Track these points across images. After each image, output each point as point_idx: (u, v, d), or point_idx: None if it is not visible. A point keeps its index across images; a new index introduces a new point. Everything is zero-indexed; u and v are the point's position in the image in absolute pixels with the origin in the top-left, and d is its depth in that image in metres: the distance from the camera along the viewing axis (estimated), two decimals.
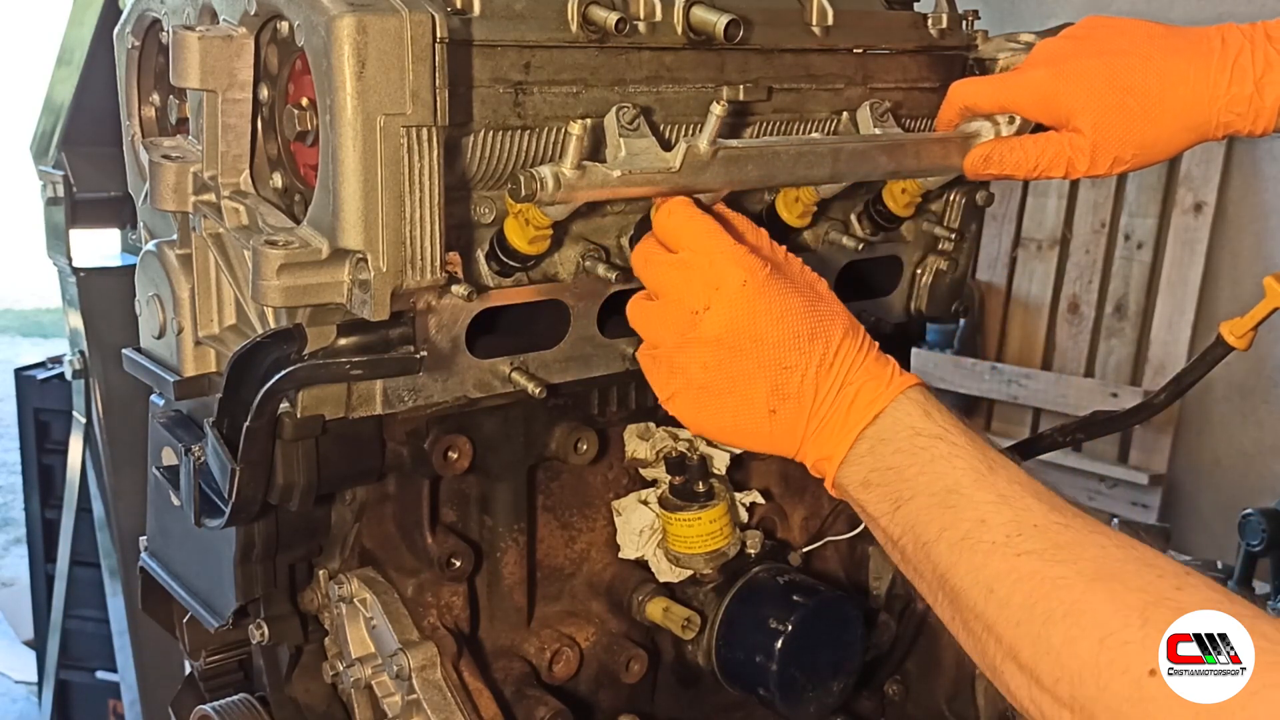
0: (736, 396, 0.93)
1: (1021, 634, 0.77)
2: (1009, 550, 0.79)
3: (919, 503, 0.86)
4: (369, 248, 0.89)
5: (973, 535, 0.82)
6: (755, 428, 0.94)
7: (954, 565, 0.82)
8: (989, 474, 0.85)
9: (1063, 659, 0.74)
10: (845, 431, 0.91)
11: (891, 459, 0.89)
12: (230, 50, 0.96)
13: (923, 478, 0.86)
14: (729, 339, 0.92)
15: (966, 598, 0.81)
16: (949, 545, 0.83)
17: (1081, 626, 0.74)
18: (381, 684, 1.12)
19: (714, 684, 1.26)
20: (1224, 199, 4.20)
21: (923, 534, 0.85)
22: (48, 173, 2.67)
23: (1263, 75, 1.08)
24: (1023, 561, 0.78)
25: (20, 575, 4.89)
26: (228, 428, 0.97)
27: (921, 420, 0.89)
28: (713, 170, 1.00)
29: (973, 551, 0.81)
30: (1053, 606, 0.75)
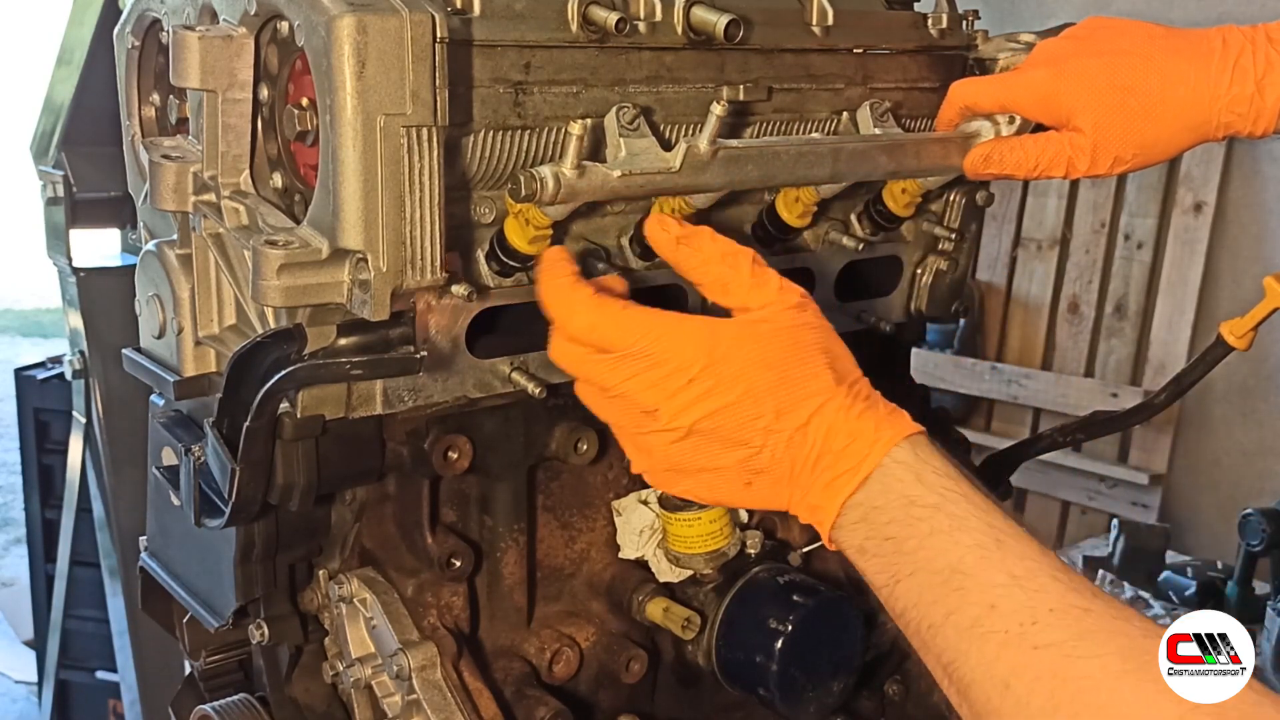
0: (709, 474, 0.88)
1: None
2: (1025, 642, 0.73)
3: (920, 580, 0.80)
4: (369, 248, 0.89)
5: (983, 623, 0.76)
6: (734, 497, 0.89)
7: (964, 655, 0.76)
8: (996, 550, 0.78)
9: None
10: (829, 500, 0.84)
11: (887, 529, 0.82)
12: (230, 50, 0.96)
13: (922, 553, 0.80)
14: (691, 427, 0.87)
15: (978, 691, 0.75)
16: (957, 631, 0.77)
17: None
18: (381, 684, 1.12)
19: (714, 684, 1.26)
20: (1224, 199, 4.20)
21: (927, 615, 0.79)
22: (48, 173, 2.67)
23: (1264, 76, 1.08)
24: (1041, 656, 0.72)
25: (20, 575, 4.89)
26: (228, 428, 0.97)
27: (915, 487, 0.82)
28: (713, 170, 1.00)
29: (984, 642, 0.75)
30: (1078, 710, 0.70)
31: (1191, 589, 2.76)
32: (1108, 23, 1.16)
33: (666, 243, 0.94)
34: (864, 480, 0.83)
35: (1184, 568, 2.92)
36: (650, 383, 0.87)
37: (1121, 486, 4.31)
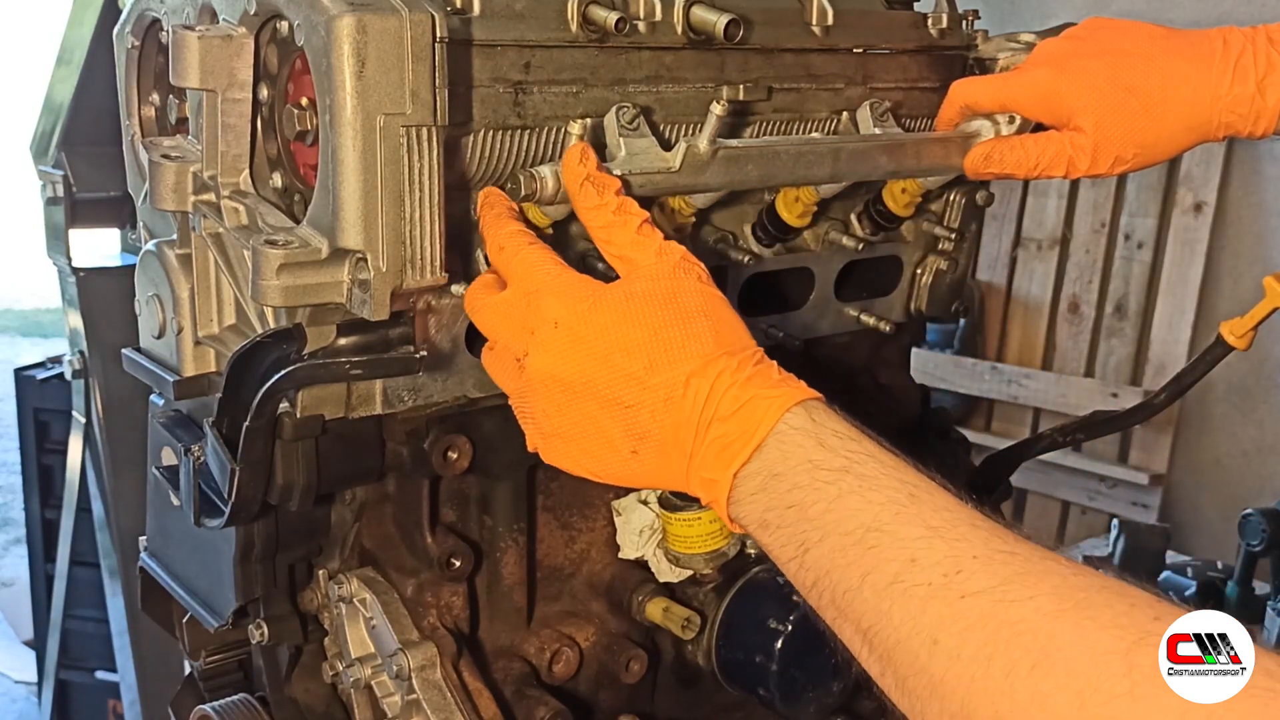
0: (591, 440, 0.86)
1: (977, 691, 0.66)
2: (951, 593, 0.68)
3: (831, 544, 0.75)
4: (369, 247, 0.89)
5: (904, 578, 0.71)
6: (625, 470, 0.85)
7: (885, 615, 0.71)
8: (911, 504, 0.74)
9: (1031, 717, 0.63)
10: (722, 471, 0.80)
11: (790, 496, 0.77)
12: (230, 50, 0.96)
13: (831, 516, 0.75)
14: (557, 382, 0.85)
15: (903, 651, 0.70)
16: (875, 592, 0.72)
17: (1054, 679, 0.63)
18: (381, 684, 1.12)
19: (714, 684, 1.26)
20: (1224, 199, 4.20)
21: (842, 580, 0.74)
22: (48, 173, 2.67)
23: (1264, 76, 1.08)
24: (970, 604, 0.67)
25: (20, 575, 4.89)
26: (227, 428, 0.97)
27: (818, 451, 0.78)
28: (713, 170, 1.00)
29: (907, 598, 0.70)
30: (1015, 657, 0.65)
31: (1191, 589, 2.76)
32: (1108, 23, 1.16)
33: (576, 177, 0.93)
34: (758, 447, 0.79)
35: (1184, 568, 2.92)
36: (524, 323, 0.87)
37: (1121, 486, 4.31)
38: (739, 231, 1.18)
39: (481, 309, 0.92)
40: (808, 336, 1.23)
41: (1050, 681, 0.63)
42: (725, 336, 0.84)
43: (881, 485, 0.75)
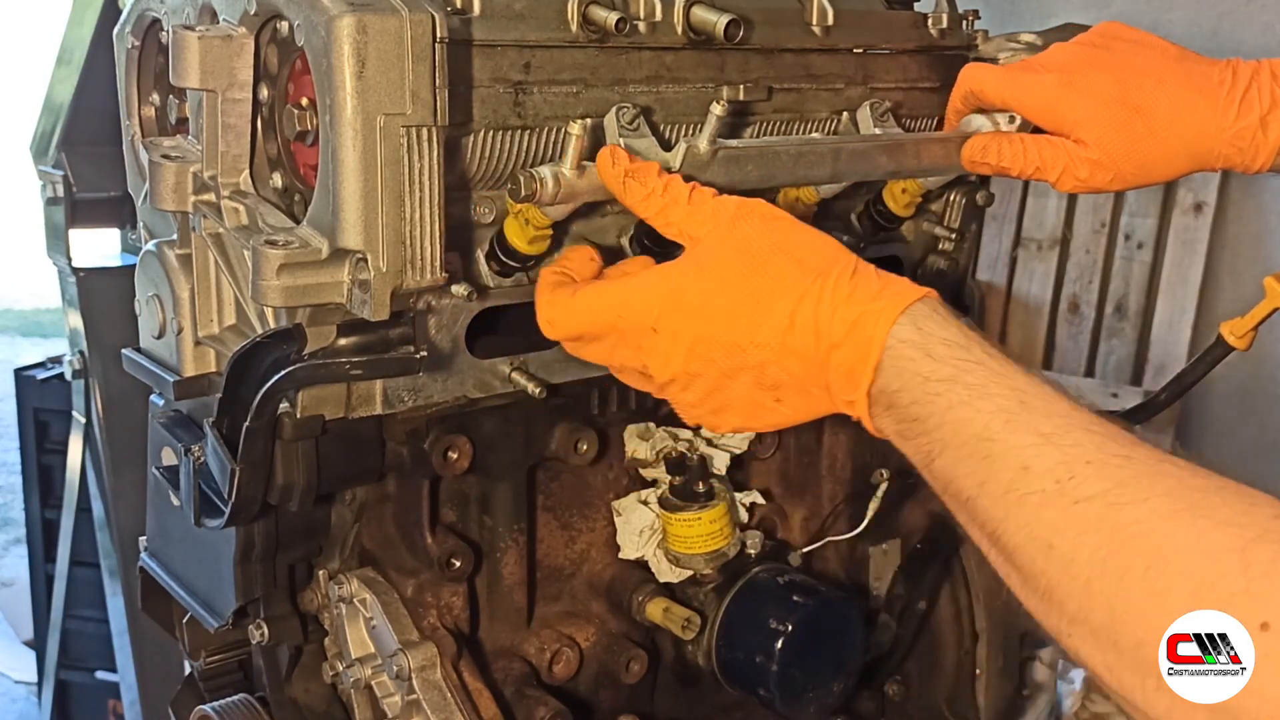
0: (737, 404, 0.89)
1: (1093, 594, 0.66)
2: (1064, 498, 0.69)
3: (950, 456, 0.77)
4: (369, 248, 0.89)
5: (1017, 486, 0.72)
6: (778, 417, 0.89)
7: (1003, 521, 0.72)
8: (1022, 412, 0.74)
9: (1147, 618, 0.64)
10: (856, 394, 0.82)
11: (910, 411, 0.79)
12: (230, 50, 0.96)
13: (945, 428, 0.77)
14: (685, 375, 0.88)
15: (1023, 556, 0.71)
16: (992, 500, 0.73)
17: (1168, 579, 0.63)
18: (381, 684, 1.11)
19: (714, 684, 1.26)
20: (1224, 199, 4.20)
21: (962, 489, 0.76)
22: (48, 173, 2.66)
23: (1268, 112, 1.07)
24: (1083, 509, 0.68)
25: (20, 575, 4.88)
26: (228, 428, 0.97)
27: (927, 364, 0.79)
28: (713, 170, 1.00)
29: (1021, 505, 0.71)
30: (1129, 560, 0.65)
31: None
32: (1124, 34, 1.14)
33: (615, 177, 0.94)
34: (876, 367, 0.80)
35: None
36: (623, 351, 0.91)
37: None
38: None
39: (588, 354, 0.96)
40: None
41: (1165, 581, 0.63)
42: (810, 261, 0.85)
43: (990, 393, 0.76)
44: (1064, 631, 0.69)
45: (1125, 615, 0.65)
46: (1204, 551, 0.63)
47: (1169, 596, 0.63)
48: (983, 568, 1.43)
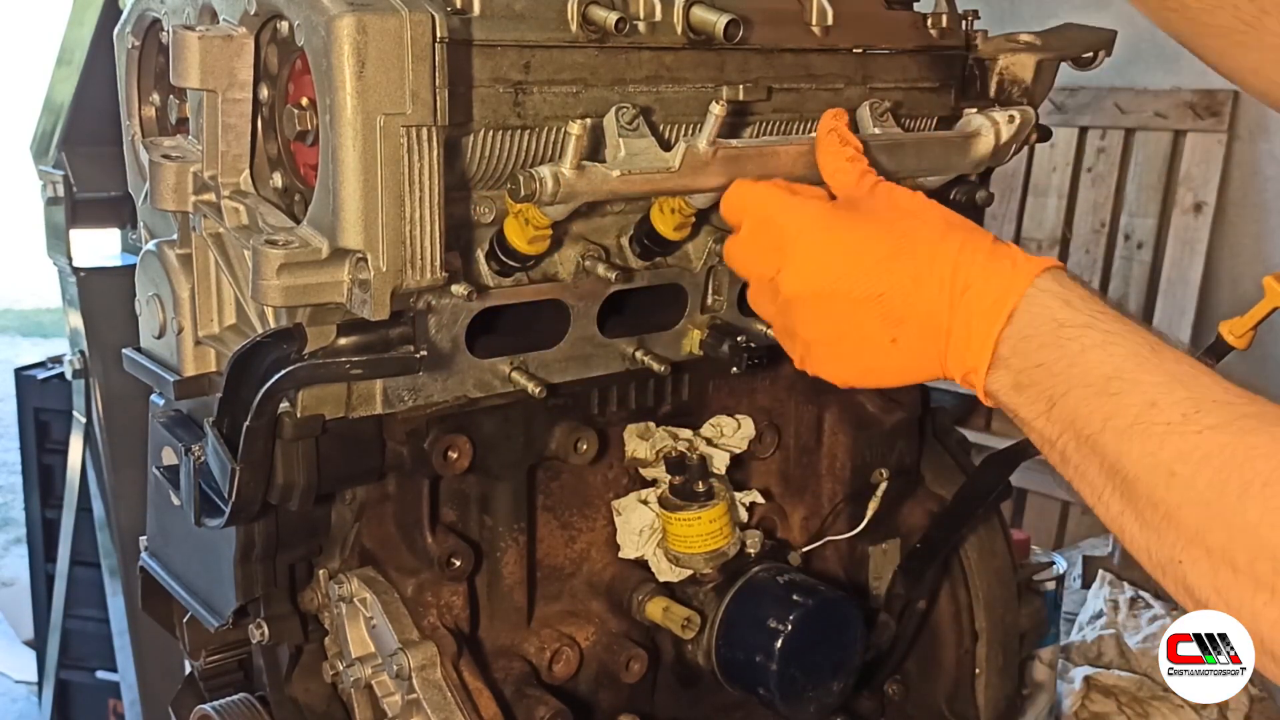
0: (851, 340, 0.91)
1: (1211, 514, 0.69)
2: (1189, 428, 0.72)
3: (1075, 395, 0.78)
4: (369, 247, 0.89)
5: (1144, 419, 0.74)
6: (887, 362, 0.91)
7: (1125, 454, 0.74)
8: (1153, 355, 0.77)
9: (1262, 533, 0.66)
10: (980, 341, 0.84)
11: (1038, 355, 0.81)
12: (230, 50, 0.96)
13: (1075, 370, 0.79)
14: (811, 290, 0.91)
15: (1142, 486, 0.73)
16: (1116, 433, 0.75)
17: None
18: (381, 684, 1.12)
19: (714, 684, 1.26)
20: (1224, 199, 4.20)
21: (1084, 427, 0.77)
22: (48, 173, 2.66)
23: None
24: (1207, 437, 0.71)
25: (20, 575, 4.89)
26: (228, 427, 0.97)
27: (1064, 310, 0.82)
28: (713, 170, 1.00)
29: (1145, 436, 0.73)
30: (1248, 479, 0.68)
31: None
32: None
33: (827, 124, 1.03)
34: (1011, 313, 0.83)
35: None
36: (767, 251, 0.95)
37: None
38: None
39: (731, 247, 1.01)
40: None
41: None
42: (954, 220, 0.90)
43: (1124, 339, 0.79)
44: (1175, 560, 0.71)
45: (1240, 532, 0.67)
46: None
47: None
48: (983, 567, 1.43)
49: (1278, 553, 0.65)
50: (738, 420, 1.26)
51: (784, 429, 1.35)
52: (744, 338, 1.15)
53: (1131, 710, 2.10)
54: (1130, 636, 2.33)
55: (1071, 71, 1.29)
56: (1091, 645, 2.32)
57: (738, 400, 1.30)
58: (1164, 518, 0.72)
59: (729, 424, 1.26)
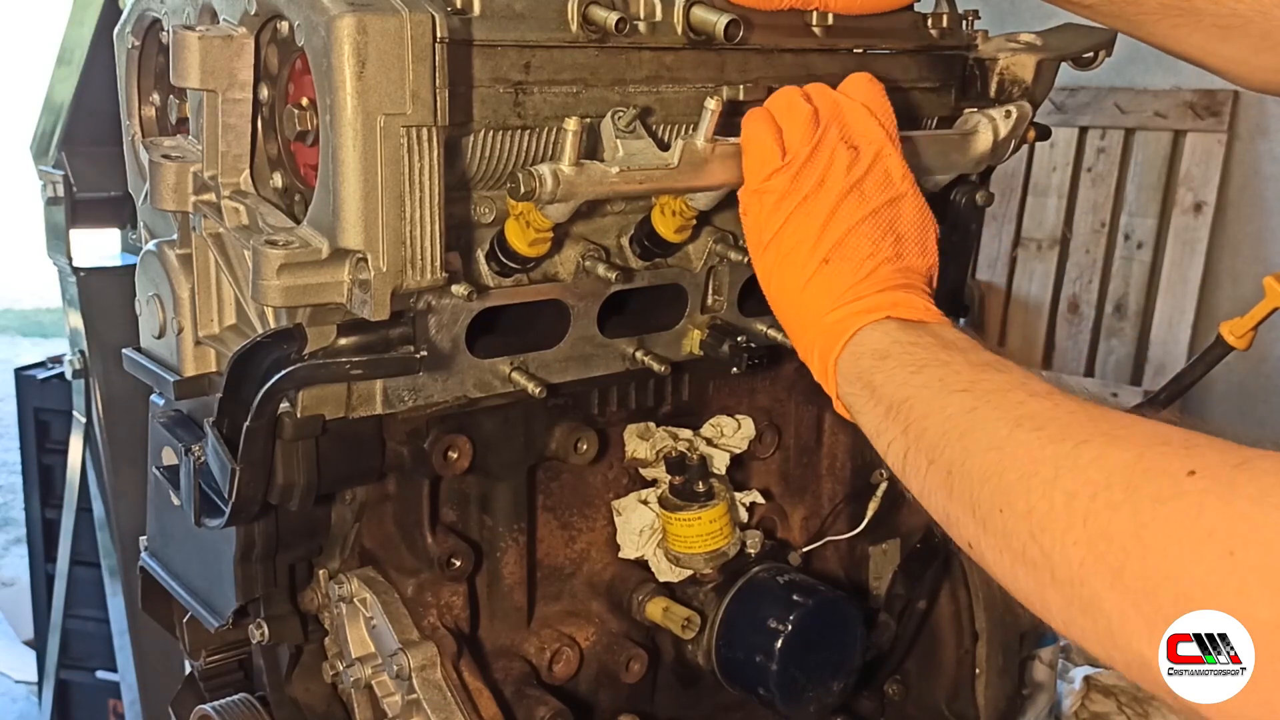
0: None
1: (1053, 452, 0.74)
2: (1049, 402, 0.79)
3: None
4: (369, 248, 0.89)
5: (1010, 391, 0.81)
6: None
7: (976, 412, 0.81)
8: (944, 370, 0.86)
9: (1093, 471, 0.71)
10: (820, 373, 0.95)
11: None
12: (230, 50, 0.96)
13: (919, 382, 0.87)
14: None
15: (986, 434, 0.79)
16: (979, 397, 0.82)
17: (1124, 440, 0.71)
18: (381, 684, 1.12)
19: (714, 684, 1.26)
20: (1224, 199, 4.20)
21: (945, 391, 0.84)
22: (48, 173, 2.66)
23: None
24: (1064, 403, 0.78)
25: (20, 575, 4.88)
26: (228, 428, 0.97)
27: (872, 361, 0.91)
28: (712, 167, 1.00)
29: (1008, 398, 0.80)
30: (1090, 429, 0.73)
31: None
32: None
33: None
34: (836, 360, 0.94)
35: None
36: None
37: None
38: (739, 231, 1.18)
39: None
40: None
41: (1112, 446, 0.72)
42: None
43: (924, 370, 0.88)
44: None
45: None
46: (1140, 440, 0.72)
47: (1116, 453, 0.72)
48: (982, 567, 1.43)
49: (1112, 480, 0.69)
50: (738, 420, 1.26)
51: (784, 429, 1.35)
52: (744, 338, 1.15)
53: (1131, 710, 2.10)
54: None
55: (1071, 71, 1.29)
56: None
57: (738, 400, 1.30)
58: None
59: (729, 424, 1.26)
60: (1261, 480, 0.64)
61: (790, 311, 0.98)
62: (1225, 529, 0.63)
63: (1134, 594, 0.67)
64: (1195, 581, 0.64)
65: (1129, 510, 0.67)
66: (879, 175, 0.98)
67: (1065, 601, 0.71)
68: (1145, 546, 0.66)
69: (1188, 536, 0.65)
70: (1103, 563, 0.68)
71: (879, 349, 0.90)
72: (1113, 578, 0.67)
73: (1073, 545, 0.70)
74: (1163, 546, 0.65)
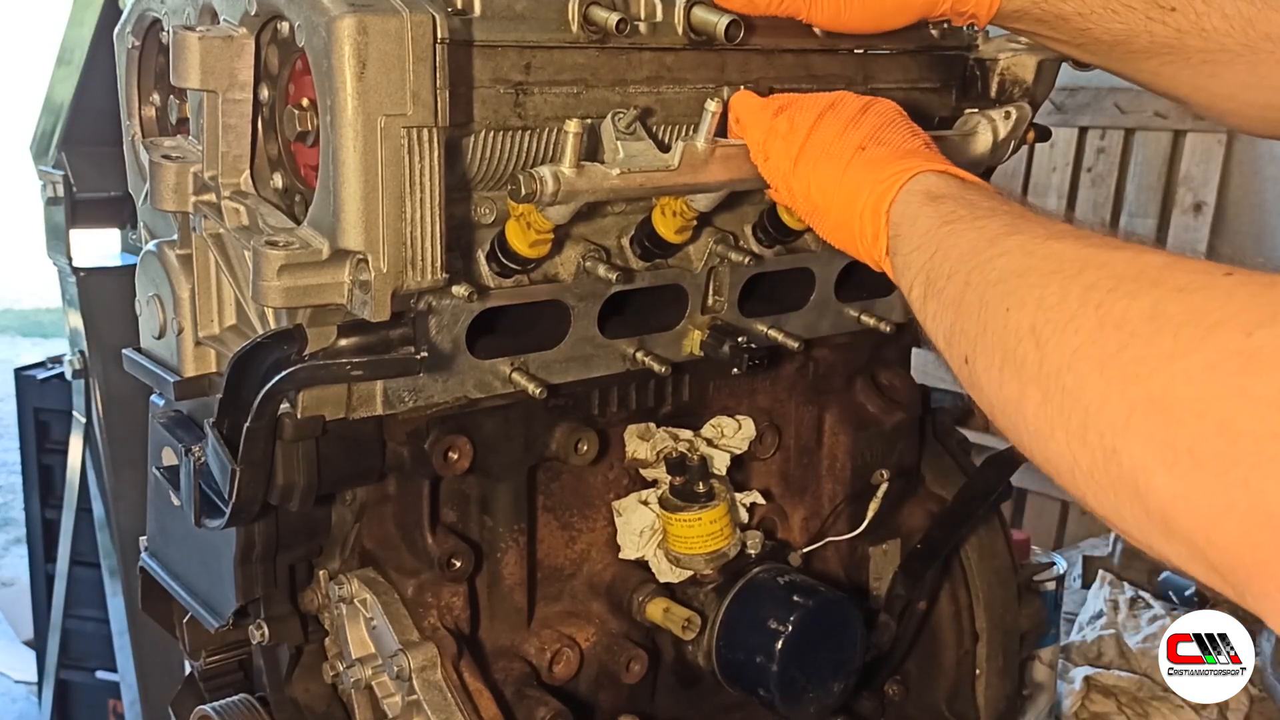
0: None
1: (1080, 279, 0.68)
2: (1074, 243, 0.72)
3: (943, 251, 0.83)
4: (369, 248, 0.89)
5: (1036, 234, 0.75)
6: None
7: (1001, 249, 0.76)
8: (1020, 220, 0.80)
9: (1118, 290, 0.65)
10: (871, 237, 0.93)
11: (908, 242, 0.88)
12: (230, 50, 0.96)
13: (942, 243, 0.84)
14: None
15: (1015, 264, 0.74)
16: (1008, 239, 0.76)
17: (1134, 262, 0.66)
18: (382, 684, 1.12)
19: (714, 684, 1.26)
20: (1224, 199, 4.20)
21: (977, 239, 0.79)
22: (48, 173, 2.66)
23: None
24: (1085, 248, 0.70)
25: (20, 575, 4.89)
26: (228, 428, 0.97)
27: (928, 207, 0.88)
28: (712, 168, 1.00)
29: (1034, 239, 0.74)
30: (1108, 261, 0.67)
31: (1191, 589, 2.76)
32: None
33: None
34: (887, 213, 0.92)
35: None
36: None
37: None
38: (739, 231, 1.18)
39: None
40: (808, 336, 1.23)
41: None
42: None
43: (992, 217, 0.82)
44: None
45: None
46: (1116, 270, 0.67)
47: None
48: (983, 568, 1.43)
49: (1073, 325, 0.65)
50: (738, 421, 1.26)
51: (784, 429, 1.35)
52: (744, 338, 1.15)
53: (1131, 710, 2.10)
54: (1130, 636, 2.33)
55: (1071, 71, 1.28)
56: (1091, 645, 2.33)
57: (738, 401, 1.30)
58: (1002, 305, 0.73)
59: (729, 424, 1.26)
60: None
61: (835, 199, 0.94)
62: (1252, 314, 0.56)
63: (1124, 377, 0.60)
64: (1202, 362, 0.57)
65: (1150, 300, 0.61)
66: (881, 104, 1.00)
67: (1043, 396, 0.65)
68: (1156, 329, 0.60)
69: (1205, 319, 0.58)
70: (1098, 346, 0.62)
71: (934, 191, 0.87)
72: (1105, 361, 0.61)
73: (1074, 333, 0.64)
74: (1176, 329, 0.59)
